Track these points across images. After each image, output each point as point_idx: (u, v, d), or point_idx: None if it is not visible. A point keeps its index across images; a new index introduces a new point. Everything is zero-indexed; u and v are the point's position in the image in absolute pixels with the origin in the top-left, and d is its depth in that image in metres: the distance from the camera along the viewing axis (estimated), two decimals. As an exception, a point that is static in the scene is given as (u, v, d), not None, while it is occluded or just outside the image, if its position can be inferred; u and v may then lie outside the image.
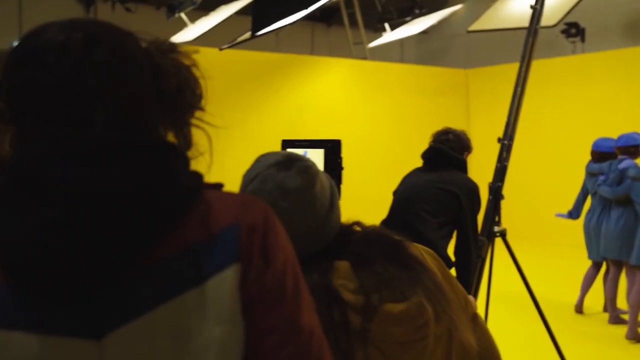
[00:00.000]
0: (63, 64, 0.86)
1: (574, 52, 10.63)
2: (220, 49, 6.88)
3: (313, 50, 11.41)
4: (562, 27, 10.06)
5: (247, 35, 5.70)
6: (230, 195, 0.95)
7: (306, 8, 4.66)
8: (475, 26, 6.56)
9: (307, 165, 1.38)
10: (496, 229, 3.85)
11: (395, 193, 3.66)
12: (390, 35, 9.02)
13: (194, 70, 0.99)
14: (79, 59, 0.86)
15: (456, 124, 10.87)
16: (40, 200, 0.81)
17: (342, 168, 2.33)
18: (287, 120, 9.14)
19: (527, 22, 4.17)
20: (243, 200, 0.94)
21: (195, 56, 1.00)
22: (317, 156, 2.31)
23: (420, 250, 1.46)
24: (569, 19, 9.30)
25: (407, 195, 3.52)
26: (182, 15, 8.31)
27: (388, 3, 9.92)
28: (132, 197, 0.82)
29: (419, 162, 3.79)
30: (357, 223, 1.46)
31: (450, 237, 3.51)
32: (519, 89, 4.12)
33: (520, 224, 8.21)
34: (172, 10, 8.30)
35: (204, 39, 7.56)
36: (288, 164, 1.36)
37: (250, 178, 1.38)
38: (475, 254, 3.51)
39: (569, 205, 6.18)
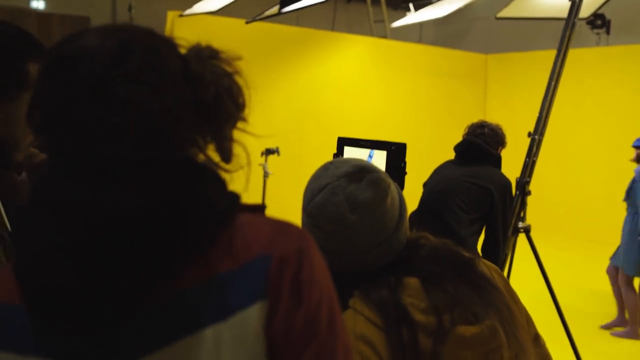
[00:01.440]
0: (93, 73, 0.79)
1: (597, 43, 10.47)
2: (247, 22, 6.76)
3: (333, 26, 11.26)
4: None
5: (275, 10, 5.59)
6: (265, 220, 0.86)
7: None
8: (504, 13, 6.42)
9: (379, 178, 1.32)
10: (520, 224, 3.80)
11: (425, 185, 3.59)
12: (414, 16, 8.86)
13: (237, 78, 0.92)
14: (109, 68, 0.80)
15: (472, 110, 10.82)
16: (59, 222, 0.75)
17: (405, 173, 2.23)
18: (302, 95, 9.06)
19: (558, 12, 4.08)
20: (278, 227, 0.85)
21: (216, 27, 0.92)
22: (379, 158, 2.22)
23: (490, 269, 1.40)
24: (595, 10, 9.14)
25: (439, 189, 3.46)
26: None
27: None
28: (153, 223, 0.76)
29: (431, 145, 3.73)
30: (424, 236, 1.40)
31: (480, 233, 3.46)
32: (553, 82, 4.03)
33: (542, 218, 8.16)
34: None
35: (228, 10, 7.44)
36: (359, 175, 1.30)
37: (319, 188, 1.31)
38: (504, 250, 3.46)
39: (588, 200, 6.11)
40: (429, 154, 6.75)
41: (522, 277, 4.20)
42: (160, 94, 0.82)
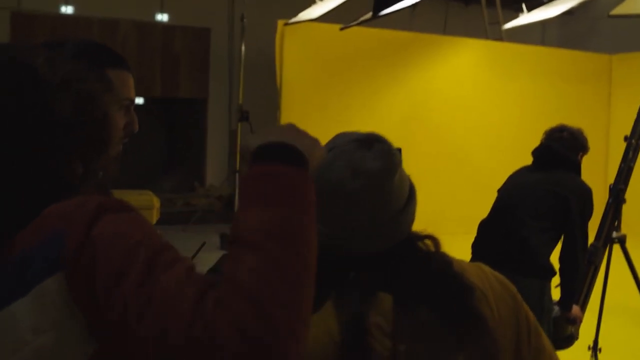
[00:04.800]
0: None
1: None
2: (341, 29, 6.81)
3: (445, 29, 11.07)
4: None
5: (369, 15, 5.59)
6: (70, 200, 0.89)
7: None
8: (619, 10, 6.06)
9: (390, 150, 1.19)
10: (614, 234, 3.56)
11: (499, 191, 3.45)
12: (527, 17, 8.53)
13: (100, 102, 0.99)
14: None
15: (595, 114, 10.23)
16: None
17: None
18: (411, 103, 8.95)
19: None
20: (78, 202, 0.88)
21: (321, 34, 0.95)
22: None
23: (506, 300, 1.24)
24: None
25: (511, 196, 3.31)
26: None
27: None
28: None
29: None
30: (431, 238, 1.24)
31: (556, 243, 3.26)
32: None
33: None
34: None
35: (334, 17, 7.52)
36: (368, 143, 1.19)
37: (326, 149, 1.20)
38: (584, 262, 3.25)
39: None
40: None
41: (617, 290, 3.92)
42: None
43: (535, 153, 3.44)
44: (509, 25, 9.19)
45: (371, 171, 1.15)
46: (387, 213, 1.17)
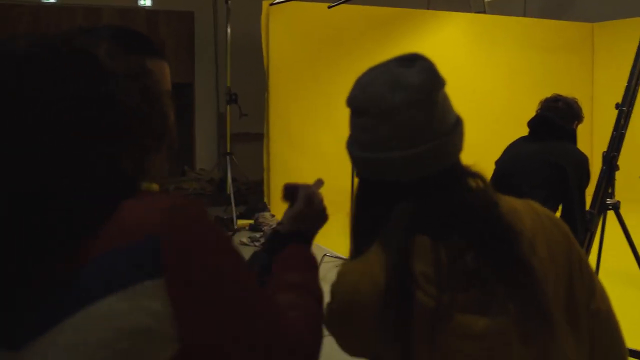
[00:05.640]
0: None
1: None
2: (329, 7, 6.82)
3: (429, 4, 11.07)
4: None
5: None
6: (151, 199, 0.91)
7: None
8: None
9: (433, 68, 1.16)
10: (609, 201, 3.66)
11: (497, 163, 3.53)
12: (510, -11, 8.58)
13: (164, 98, 0.98)
14: (10, 77, 0.85)
15: (579, 83, 10.31)
16: None
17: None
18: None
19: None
20: (161, 203, 0.90)
21: (306, 13, 0.97)
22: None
23: (559, 240, 1.19)
24: None
25: (509, 167, 3.39)
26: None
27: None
28: (38, 199, 0.81)
29: None
30: (478, 176, 1.18)
31: (555, 212, 3.36)
32: (643, 51, 3.82)
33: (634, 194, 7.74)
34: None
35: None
36: (410, 61, 1.16)
37: (366, 71, 1.19)
38: (582, 230, 3.34)
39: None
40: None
41: (612, 256, 4.03)
42: (52, 108, 0.86)
43: (531, 123, 3.51)
44: (492, -3, 9.22)
45: (412, 84, 1.11)
46: (430, 131, 1.11)
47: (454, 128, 1.17)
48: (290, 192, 1.37)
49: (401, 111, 1.10)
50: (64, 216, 0.84)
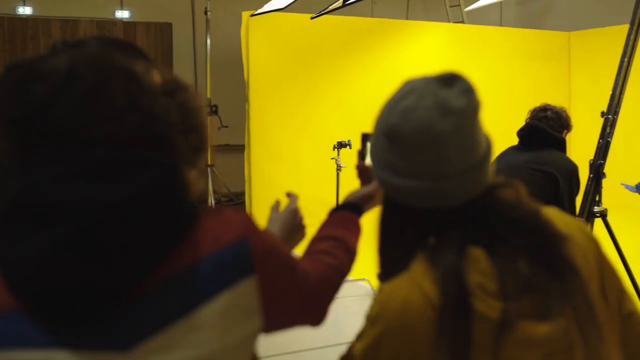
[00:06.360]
0: (40, 97, 0.85)
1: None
2: (312, 18, 6.83)
3: (408, 14, 11.15)
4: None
5: (339, 3, 5.61)
6: (218, 210, 1.01)
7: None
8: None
9: (472, 88, 1.12)
10: (596, 209, 3.68)
11: (489, 172, 3.54)
12: (488, -1, 8.67)
13: (200, 113, 1.00)
14: (55, 94, 0.85)
15: (556, 91, 10.41)
16: (49, 224, 0.80)
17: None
18: (379, 86, 9.01)
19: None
20: (243, 216, 1.01)
21: (287, 24, 1.01)
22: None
23: (590, 246, 1.18)
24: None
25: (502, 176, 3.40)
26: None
27: (487, -37, 9.52)
28: (137, 216, 0.83)
29: (514, 131, 3.62)
30: (512, 186, 1.18)
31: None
32: (625, 59, 3.87)
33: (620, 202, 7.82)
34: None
35: (298, 6, 7.52)
36: (451, 81, 1.11)
37: (402, 94, 1.13)
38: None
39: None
40: (513, 139, 6.53)
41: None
42: (100, 123, 0.87)
43: (521, 133, 3.53)
44: (470, 7, 9.30)
45: (459, 109, 1.08)
46: (476, 156, 1.10)
47: (488, 147, 1.16)
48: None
49: (451, 139, 1.07)
50: (167, 223, 0.89)
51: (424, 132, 1.07)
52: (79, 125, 0.85)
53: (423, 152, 1.08)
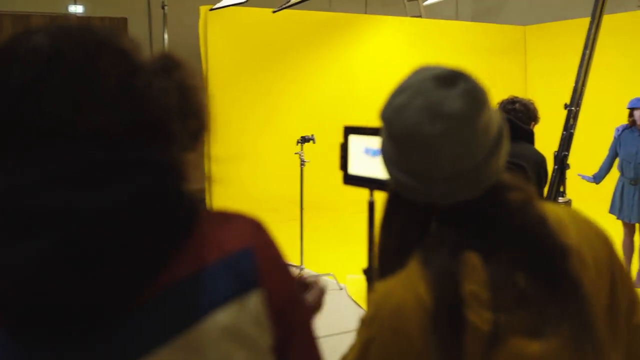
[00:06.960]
0: (21, 82, 0.75)
1: (640, 7, 10.13)
2: (274, 12, 6.77)
3: (366, 8, 11.17)
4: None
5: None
6: (234, 216, 0.91)
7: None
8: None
9: (476, 89, 1.04)
10: (561, 200, 3.73)
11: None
12: (446, -7, 8.74)
13: (200, 92, 0.88)
14: (37, 78, 0.76)
15: (513, 85, 10.59)
16: (34, 232, 0.71)
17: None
18: (340, 80, 9.01)
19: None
20: (252, 222, 0.91)
21: (247, 18, 0.89)
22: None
23: (602, 249, 1.12)
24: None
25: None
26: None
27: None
28: (129, 223, 0.74)
29: None
30: (522, 189, 1.09)
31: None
32: (587, 51, 3.92)
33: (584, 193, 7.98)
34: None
35: (257, 0, 7.46)
36: (451, 80, 1.03)
37: (402, 89, 1.06)
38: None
39: None
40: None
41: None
42: (90, 113, 0.78)
43: (489, 125, 3.56)
44: (429, 1, 9.37)
45: (452, 114, 1.00)
46: (470, 161, 1.02)
47: (495, 147, 1.06)
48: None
49: (439, 144, 1.00)
50: (161, 228, 0.79)
51: (411, 133, 1.02)
52: (65, 116, 0.75)
53: (412, 152, 1.04)
